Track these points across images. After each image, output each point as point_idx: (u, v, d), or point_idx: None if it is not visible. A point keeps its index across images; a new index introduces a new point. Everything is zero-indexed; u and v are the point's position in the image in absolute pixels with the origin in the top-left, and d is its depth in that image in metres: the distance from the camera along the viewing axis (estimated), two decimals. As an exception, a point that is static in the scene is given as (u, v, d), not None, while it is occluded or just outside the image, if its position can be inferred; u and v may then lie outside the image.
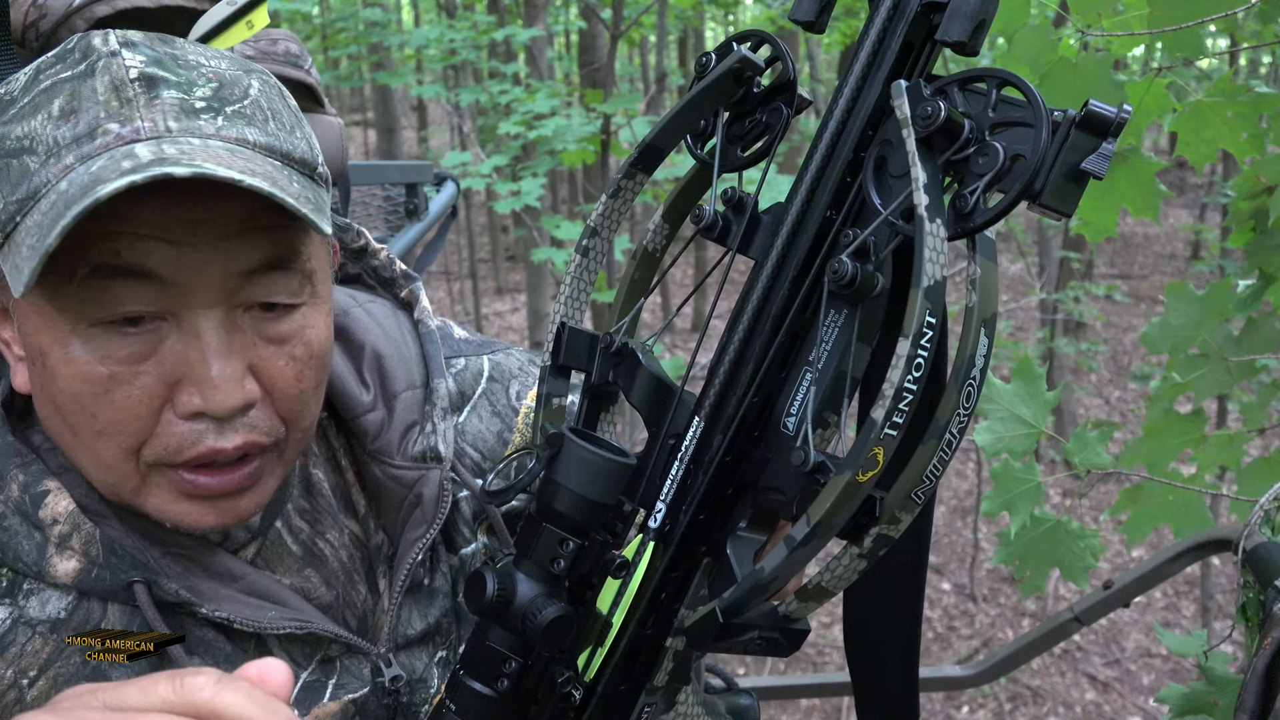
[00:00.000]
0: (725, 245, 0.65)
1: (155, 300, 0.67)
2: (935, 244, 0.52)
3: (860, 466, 0.52)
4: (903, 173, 0.57)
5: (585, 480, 0.62)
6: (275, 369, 0.72)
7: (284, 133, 0.71)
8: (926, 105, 0.53)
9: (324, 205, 0.71)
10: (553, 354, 0.71)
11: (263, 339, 0.72)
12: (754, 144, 0.67)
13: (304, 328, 0.74)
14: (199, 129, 0.67)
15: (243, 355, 0.70)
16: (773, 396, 0.63)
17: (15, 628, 0.73)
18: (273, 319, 0.72)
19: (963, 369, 0.53)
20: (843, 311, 0.60)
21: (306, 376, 0.74)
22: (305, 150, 0.72)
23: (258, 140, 0.69)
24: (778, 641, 0.61)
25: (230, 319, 0.70)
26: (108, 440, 0.70)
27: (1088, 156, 0.52)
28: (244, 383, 0.70)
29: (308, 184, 0.71)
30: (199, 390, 0.68)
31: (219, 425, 0.70)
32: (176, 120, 0.66)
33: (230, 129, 0.68)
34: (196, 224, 0.66)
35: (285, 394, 0.73)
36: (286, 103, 0.75)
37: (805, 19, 0.62)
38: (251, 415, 0.72)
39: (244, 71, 0.73)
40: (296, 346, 0.73)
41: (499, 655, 0.66)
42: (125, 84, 0.66)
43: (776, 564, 0.56)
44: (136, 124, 0.65)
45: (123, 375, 0.68)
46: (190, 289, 0.67)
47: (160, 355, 0.69)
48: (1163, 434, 1.86)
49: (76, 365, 0.68)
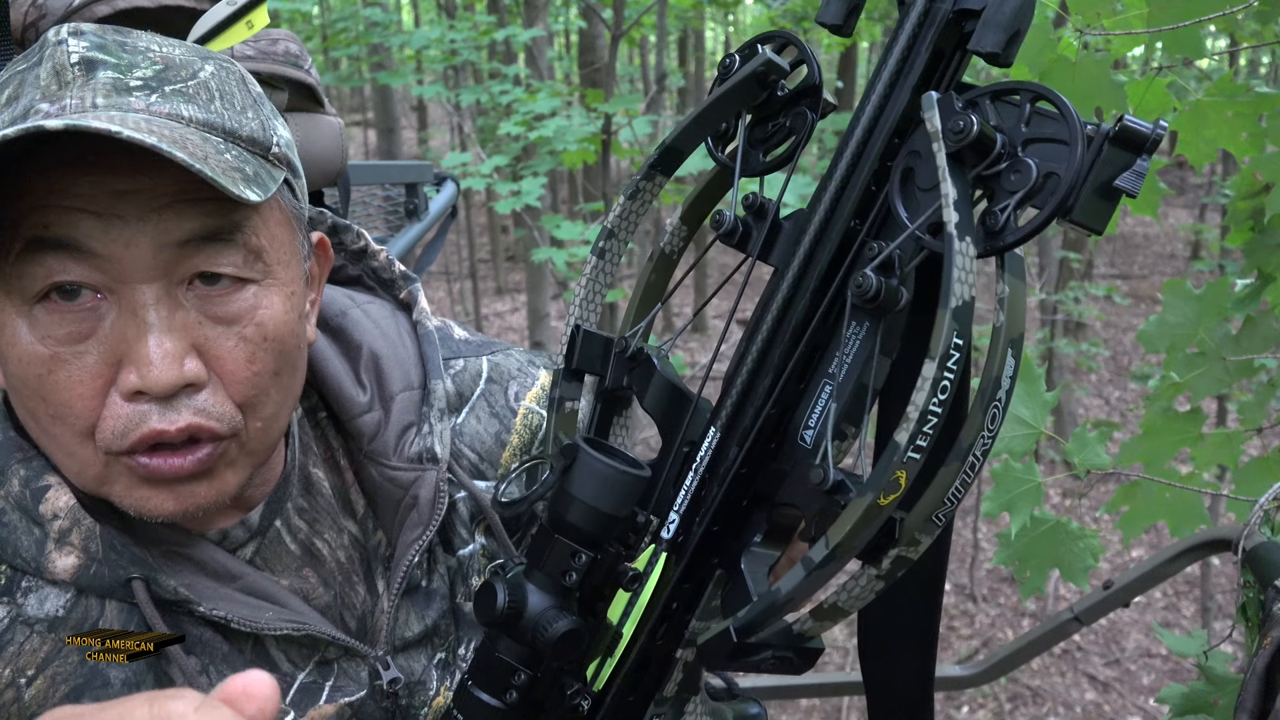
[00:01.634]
0: (745, 251, 0.64)
1: (88, 274, 0.67)
2: (964, 263, 0.50)
3: (882, 490, 0.51)
4: (931, 185, 0.56)
5: (599, 493, 0.61)
6: (224, 349, 0.70)
7: (231, 111, 0.70)
8: (959, 119, 0.52)
9: (265, 179, 0.69)
10: (567, 357, 0.70)
11: (209, 318, 0.70)
12: (776, 148, 0.66)
13: (255, 308, 0.71)
14: (127, 104, 0.67)
15: (185, 333, 0.69)
16: (790, 408, 0.62)
17: (13, 626, 0.73)
18: (220, 297, 0.70)
19: (989, 390, 0.52)
20: (864, 324, 0.59)
21: (259, 359, 0.72)
22: (255, 129, 0.71)
23: (193, 116, 0.68)
24: (791, 660, 0.60)
25: (171, 295, 0.68)
26: (61, 425, 0.70)
27: (1121, 173, 0.51)
28: (184, 360, 0.68)
29: (252, 160, 0.70)
30: (136, 367, 0.67)
31: (162, 406, 0.68)
32: (105, 97, 0.66)
33: (163, 105, 0.68)
34: (123, 195, 0.66)
35: (236, 376, 0.71)
36: (245, 88, 0.74)
37: (833, 22, 0.61)
38: (199, 398, 0.70)
39: (200, 58, 0.72)
40: (247, 327, 0.71)
41: (508, 667, 0.65)
42: (65, 68, 0.67)
43: (794, 585, 0.55)
44: (64, 102, 0.66)
45: (64, 355, 0.68)
46: (121, 261, 0.67)
47: (101, 334, 0.68)
48: (1161, 433, 1.86)
49: (22, 347, 0.68)
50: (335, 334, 0.89)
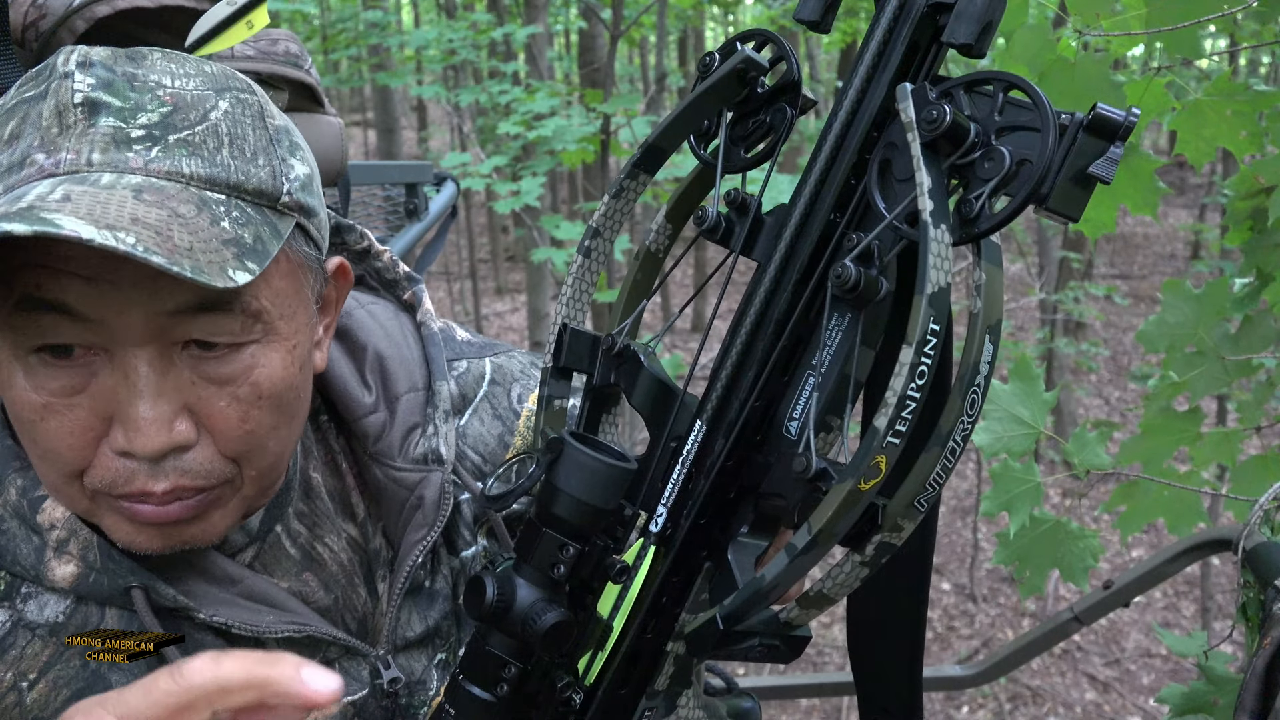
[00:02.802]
0: (728, 247, 0.65)
1: (80, 335, 0.66)
2: (940, 250, 0.51)
3: (862, 475, 0.52)
4: (907, 176, 0.57)
5: (585, 485, 0.62)
6: (215, 410, 0.69)
7: (239, 161, 0.68)
8: (932, 109, 0.53)
9: (267, 241, 0.67)
10: (554, 355, 0.70)
11: (202, 378, 0.69)
12: (757, 145, 0.67)
13: (251, 368, 0.70)
14: (124, 162, 0.65)
15: (176, 396, 0.68)
16: (775, 401, 0.62)
17: (15, 630, 0.73)
18: (214, 359, 0.69)
19: (967, 376, 0.53)
20: (846, 315, 0.60)
21: (253, 418, 0.70)
22: (264, 179, 0.69)
23: (195, 172, 0.66)
24: (778, 648, 0.60)
25: (164, 357, 0.67)
26: (49, 465, 0.70)
27: (1095, 161, 0.52)
28: (172, 425, 0.67)
29: (255, 217, 0.67)
30: (124, 430, 0.67)
31: (150, 466, 0.68)
32: (102, 152, 0.64)
33: (163, 161, 0.65)
34: (118, 262, 0.63)
35: (228, 435, 0.70)
36: (262, 123, 0.71)
37: (810, 19, 0.62)
38: (186, 459, 0.69)
39: (214, 91, 0.69)
40: (241, 388, 0.69)
41: (498, 660, 0.65)
42: (68, 109, 0.65)
43: (778, 572, 0.56)
44: (60, 155, 0.64)
45: (56, 406, 0.67)
46: (113, 326, 0.65)
47: (93, 389, 0.67)
48: (1160, 432, 1.87)
49: (17, 391, 0.67)
50: (340, 335, 0.89)
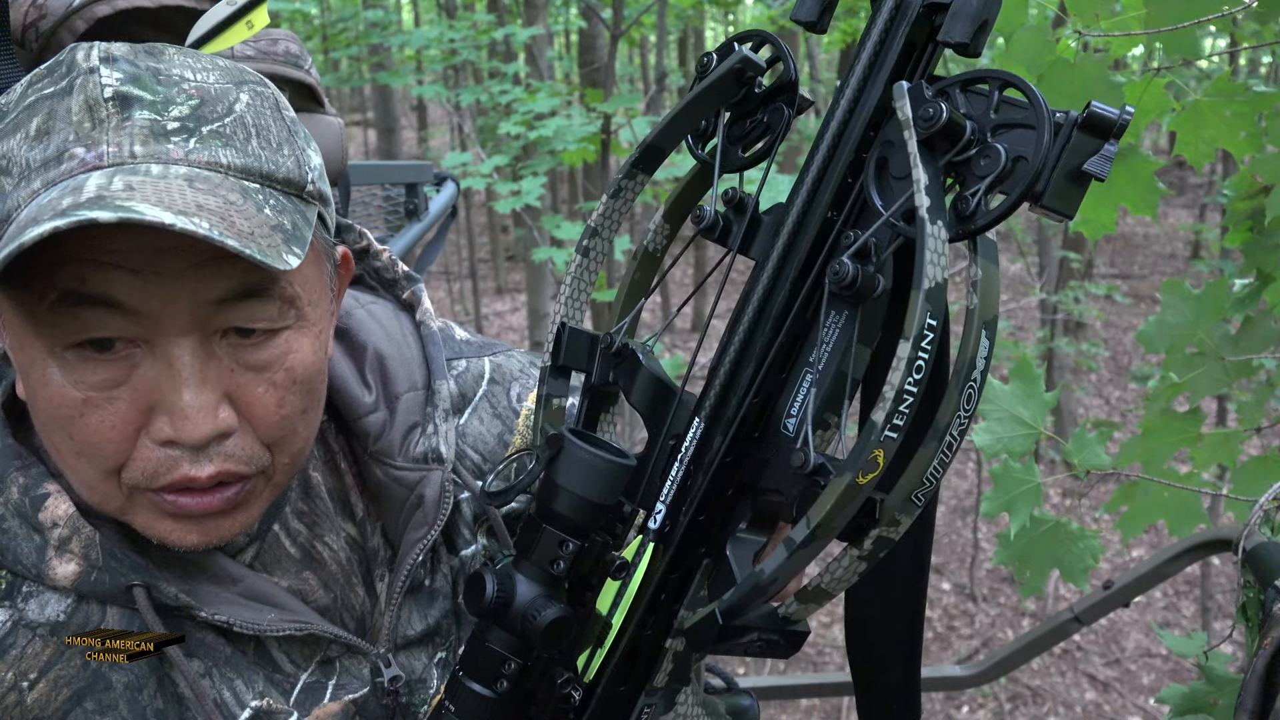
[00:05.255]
0: (726, 246, 0.65)
1: (124, 328, 0.66)
2: (936, 246, 0.52)
3: (860, 469, 0.52)
4: (904, 174, 0.57)
5: (585, 481, 0.62)
6: (254, 396, 0.71)
7: (267, 151, 0.69)
8: (928, 106, 0.53)
9: (302, 227, 0.68)
10: (553, 354, 0.71)
11: (241, 365, 0.70)
12: (755, 144, 0.67)
13: (286, 354, 0.72)
14: (166, 153, 0.65)
15: (218, 383, 0.69)
16: (773, 398, 0.63)
17: (15, 630, 0.73)
18: (252, 346, 0.70)
19: (964, 371, 0.53)
20: (843, 313, 0.60)
21: (289, 402, 0.72)
22: (291, 168, 0.70)
23: (232, 163, 0.67)
24: (777, 643, 0.61)
25: (205, 346, 0.68)
26: (86, 462, 0.70)
27: (1090, 158, 0.52)
28: (217, 412, 0.68)
29: (289, 206, 0.69)
30: (170, 419, 0.67)
31: (193, 453, 0.69)
32: (144, 144, 0.65)
33: (202, 152, 0.66)
34: (162, 253, 0.65)
35: (265, 421, 0.72)
36: (280, 115, 0.73)
37: (807, 19, 0.62)
38: (228, 444, 0.70)
39: (234, 84, 0.71)
40: (278, 373, 0.71)
41: (498, 656, 0.66)
42: (99, 104, 0.65)
43: (776, 566, 0.56)
44: (101, 149, 0.64)
45: (96, 400, 0.67)
46: (158, 317, 0.66)
47: (134, 381, 0.68)
48: (1160, 432, 1.87)
49: (53, 388, 0.67)
50: (340, 334, 0.89)
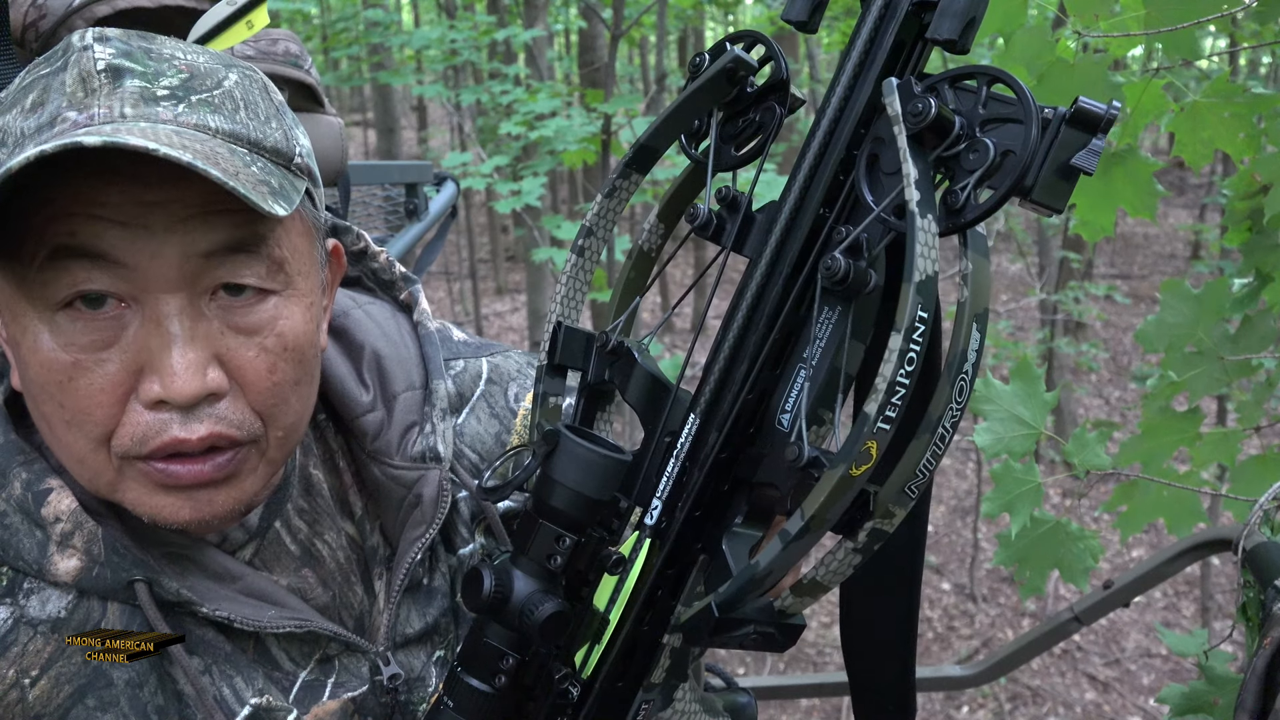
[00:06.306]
0: (720, 244, 0.66)
1: (113, 283, 0.67)
2: (926, 239, 0.52)
3: (853, 461, 0.52)
4: (895, 170, 0.58)
5: (581, 476, 0.63)
6: (244, 359, 0.71)
7: (255, 122, 0.71)
8: (917, 102, 0.54)
9: (289, 191, 0.69)
10: (549, 353, 0.71)
11: (231, 328, 0.71)
12: (748, 143, 0.67)
13: (276, 318, 0.72)
14: (155, 114, 0.67)
15: (207, 343, 0.69)
16: (767, 394, 0.63)
17: (17, 627, 0.73)
18: (241, 307, 0.71)
19: (955, 363, 0.54)
20: (836, 308, 0.61)
21: (280, 369, 0.73)
22: (279, 140, 0.72)
23: (220, 127, 0.68)
24: (773, 637, 0.61)
25: (195, 306, 0.69)
26: (76, 431, 0.70)
27: (1078, 152, 0.53)
28: (206, 371, 0.69)
29: (276, 171, 0.70)
30: (159, 378, 0.68)
31: (183, 415, 0.69)
32: (134, 107, 0.66)
33: (190, 116, 0.68)
34: (150, 206, 0.66)
35: (256, 386, 0.72)
36: (268, 96, 0.74)
37: (797, 19, 0.63)
38: (219, 407, 0.70)
39: (223, 66, 0.72)
40: (268, 337, 0.72)
41: (496, 652, 0.66)
42: (91, 75, 0.67)
43: (771, 558, 0.57)
44: (92, 110, 0.66)
45: (86, 363, 0.68)
46: (146, 272, 0.67)
47: (124, 342, 0.68)
48: (1159, 432, 1.87)
49: (43, 354, 0.68)
50: (338, 334, 0.90)
